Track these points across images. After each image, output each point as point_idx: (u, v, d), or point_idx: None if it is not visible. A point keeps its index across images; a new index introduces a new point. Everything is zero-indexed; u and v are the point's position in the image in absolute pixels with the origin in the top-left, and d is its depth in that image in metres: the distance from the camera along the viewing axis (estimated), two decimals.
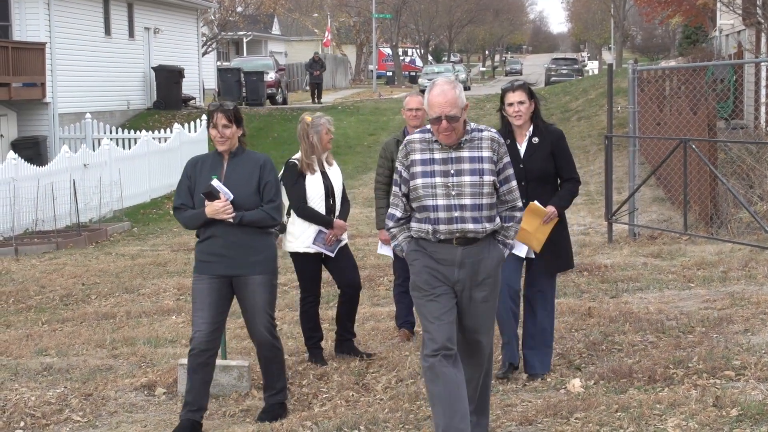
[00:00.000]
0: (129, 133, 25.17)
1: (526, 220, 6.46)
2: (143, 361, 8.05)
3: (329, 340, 8.05)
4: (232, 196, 6.11)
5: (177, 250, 14.64)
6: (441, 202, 5.20)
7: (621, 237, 13.06)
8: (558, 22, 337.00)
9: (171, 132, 24.96)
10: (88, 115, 25.73)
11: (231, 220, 6.10)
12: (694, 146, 12.29)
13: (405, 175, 5.31)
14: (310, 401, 6.76)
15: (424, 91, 5.35)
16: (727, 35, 31.40)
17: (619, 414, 5.76)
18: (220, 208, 6.07)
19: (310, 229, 7.56)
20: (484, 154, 5.24)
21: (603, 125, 25.07)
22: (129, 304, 10.94)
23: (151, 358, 8.13)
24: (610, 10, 73.00)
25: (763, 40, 23.16)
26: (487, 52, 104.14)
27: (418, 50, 78.62)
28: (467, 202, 5.19)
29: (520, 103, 6.64)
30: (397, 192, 5.37)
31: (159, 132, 25.59)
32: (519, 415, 5.94)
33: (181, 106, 31.90)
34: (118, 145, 23.00)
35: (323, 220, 7.54)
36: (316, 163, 7.56)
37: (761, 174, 14.01)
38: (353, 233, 14.09)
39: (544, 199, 6.67)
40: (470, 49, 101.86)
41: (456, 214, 5.19)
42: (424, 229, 5.26)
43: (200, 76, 36.13)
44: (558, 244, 6.74)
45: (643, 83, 19.96)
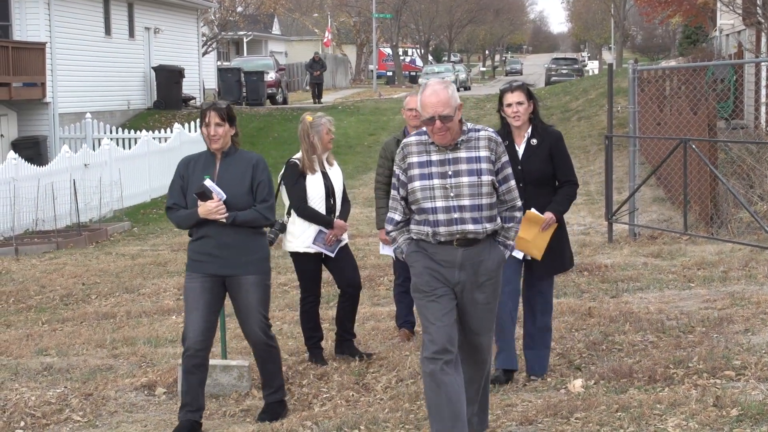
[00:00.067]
0: (129, 133, 25.18)
1: (524, 229, 6.41)
2: (143, 361, 8.05)
3: (329, 340, 8.04)
4: (225, 196, 6.06)
5: (177, 250, 14.64)
6: (440, 204, 5.16)
7: (621, 237, 13.06)
8: (558, 22, 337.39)
9: (171, 132, 24.96)
10: (89, 115, 25.74)
11: (224, 220, 6.06)
12: (695, 146, 12.29)
13: (403, 178, 5.28)
14: (311, 401, 6.75)
15: None
16: (728, 35, 31.39)
17: (619, 414, 5.76)
18: (213, 208, 6.03)
19: (311, 229, 7.55)
20: (482, 153, 5.20)
21: (603, 125, 25.06)
22: (129, 303, 10.94)
23: (151, 358, 8.13)
24: (610, 10, 73.02)
25: (764, 39, 23.15)
26: (487, 52, 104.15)
27: (419, 50, 78.63)
28: (466, 202, 5.15)
29: (519, 103, 6.57)
30: (396, 195, 5.34)
31: (159, 132, 25.60)
32: (519, 415, 5.94)
33: (182, 106, 31.91)
34: (118, 145, 23.01)
35: (323, 220, 7.54)
36: (316, 163, 7.56)
37: (761, 174, 14.01)
38: (353, 233, 14.09)
39: (542, 201, 6.60)
40: (470, 49, 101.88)
41: (455, 216, 5.15)
42: (423, 231, 5.23)
43: (200, 76, 36.13)
44: (557, 246, 6.69)
45: (644, 83, 19.97)
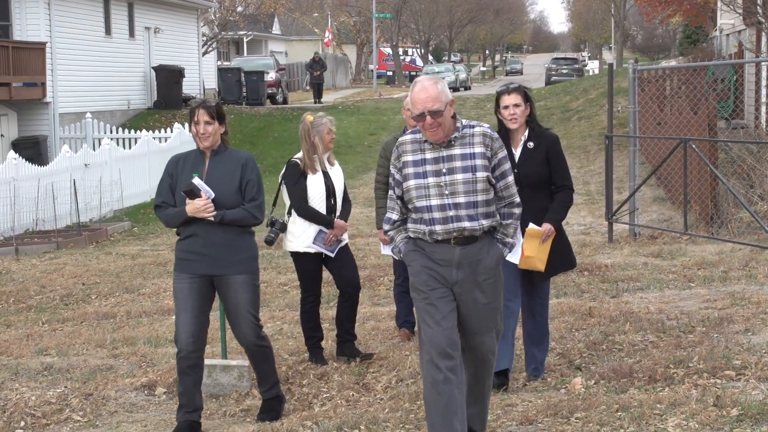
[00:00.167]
0: (129, 133, 25.17)
1: (527, 246, 6.41)
2: (143, 360, 8.05)
3: (329, 340, 8.04)
4: (214, 195, 6.02)
5: None
6: (435, 203, 5.12)
7: (621, 237, 13.06)
8: (558, 22, 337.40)
9: (171, 132, 24.97)
10: (89, 115, 25.74)
11: (212, 219, 6.01)
12: (695, 146, 12.29)
13: (398, 177, 5.24)
14: (311, 401, 6.75)
15: None
16: (728, 35, 31.39)
17: (619, 414, 5.75)
18: (201, 206, 5.98)
19: (311, 229, 7.55)
20: (476, 150, 5.14)
21: (603, 125, 25.07)
22: (129, 303, 10.94)
23: (151, 357, 8.13)
24: (610, 10, 73.00)
25: (764, 39, 23.15)
26: (487, 52, 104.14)
27: (419, 50, 78.64)
28: (461, 200, 5.11)
29: (516, 106, 6.50)
30: (392, 195, 5.30)
31: (159, 132, 25.59)
32: (519, 415, 5.94)
33: (182, 106, 31.91)
34: (118, 145, 23.02)
35: (324, 220, 7.54)
36: (317, 163, 7.56)
37: (761, 174, 14.01)
38: (353, 233, 14.10)
39: (539, 205, 6.52)
40: (470, 49, 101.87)
41: (451, 213, 5.11)
42: (420, 230, 5.19)
43: (200, 76, 36.13)
44: (555, 249, 6.61)
45: (644, 83, 19.98)
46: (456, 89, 50.47)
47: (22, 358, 8.31)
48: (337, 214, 7.63)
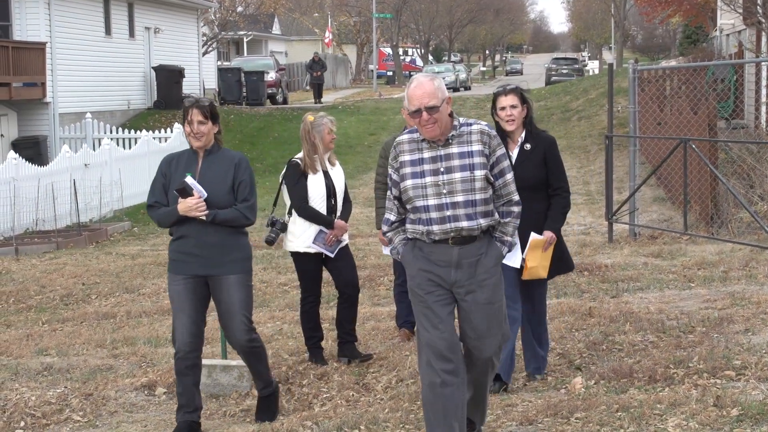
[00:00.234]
0: (129, 133, 25.17)
1: (530, 257, 6.41)
2: (143, 360, 8.05)
3: (329, 340, 8.04)
4: (206, 194, 5.98)
5: None
6: (432, 202, 5.07)
7: (621, 237, 13.06)
8: (558, 22, 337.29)
9: (171, 132, 24.97)
10: (89, 115, 25.73)
11: (204, 218, 5.98)
12: (695, 146, 12.29)
13: (396, 177, 5.20)
14: (311, 401, 6.75)
15: None
16: (728, 35, 31.40)
17: (619, 414, 5.75)
18: (193, 205, 5.94)
19: (311, 229, 7.55)
20: (474, 148, 5.09)
21: (603, 125, 25.08)
22: (129, 303, 10.94)
23: (151, 357, 8.13)
24: (610, 10, 72.99)
25: (764, 39, 23.15)
26: (487, 52, 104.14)
27: (419, 50, 78.64)
28: (459, 199, 5.05)
29: (513, 107, 6.46)
30: (390, 195, 5.26)
31: (159, 132, 25.59)
32: (519, 415, 5.94)
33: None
34: (118, 145, 23.02)
35: (324, 221, 7.53)
36: (318, 163, 7.56)
37: (762, 174, 14.01)
38: (353, 233, 14.10)
39: (536, 207, 6.46)
40: (471, 49, 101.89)
41: (448, 213, 5.06)
42: (418, 230, 5.14)
43: (201, 76, 36.13)
44: (553, 253, 6.57)
45: (644, 83, 19.99)
46: (456, 89, 50.46)
47: (22, 358, 8.31)
48: (338, 214, 7.63)
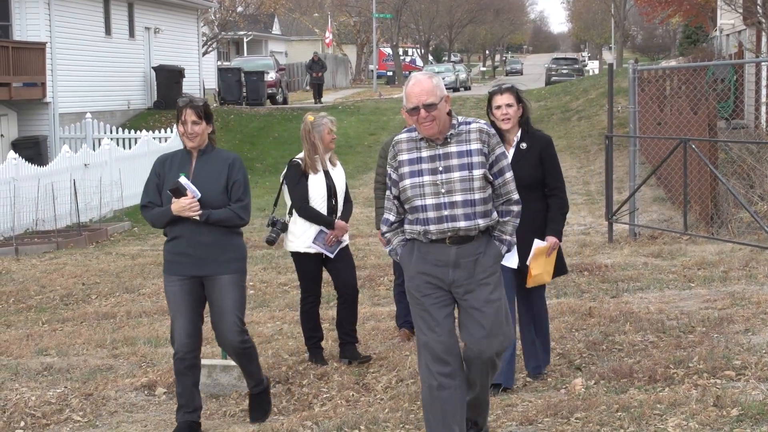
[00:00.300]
0: (129, 133, 25.18)
1: (535, 264, 6.40)
2: (143, 360, 8.05)
3: (329, 340, 8.04)
4: (200, 194, 5.95)
5: None
6: (430, 202, 5.03)
7: (621, 237, 13.06)
8: (558, 22, 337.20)
9: (171, 132, 24.95)
10: (89, 115, 25.73)
11: (197, 218, 5.95)
12: (695, 146, 12.29)
13: (394, 176, 5.16)
14: (311, 401, 6.75)
15: None
16: (728, 35, 31.40)
17: (619, 414, 5.75)
18: (187, 204, 5.91)
19: (312, 229, 7.55)
20: (473, 146, 5.05)
21: (603, 125, 25.08)
22: (129, 303, 10.94)
23: (151, 357, 8.13)
24: (610, 10, 72.98)
25: (764, 39, 23.15)
26: (487, 52, 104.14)
27: (419, 50, 78.65)
28: (458, 198, 5.02)
29: (508, 106, 6.43)
30: (389, 195, 5.22)
31: (159, 132, 25.59)
32: (519, 415, 5.93)
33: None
34: (118, 145, 23.02)
35: (324, 221, 7.53)
36: (319, 163, 7.56)
37: (762, 174, 14.01)
38: (353, 233, 14.09)
39: (533, 206, 6.40)
40: (471, 49, 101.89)
41: (446, 213, 5.02)
42: (416, 230, 5.10)
43: (201, 76, 36.13)
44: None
45: (644, 83, 19.99)
46: (456, 89, 50.48)
47: (22, 358, 8.31)
48: (339, 214, 7.63)
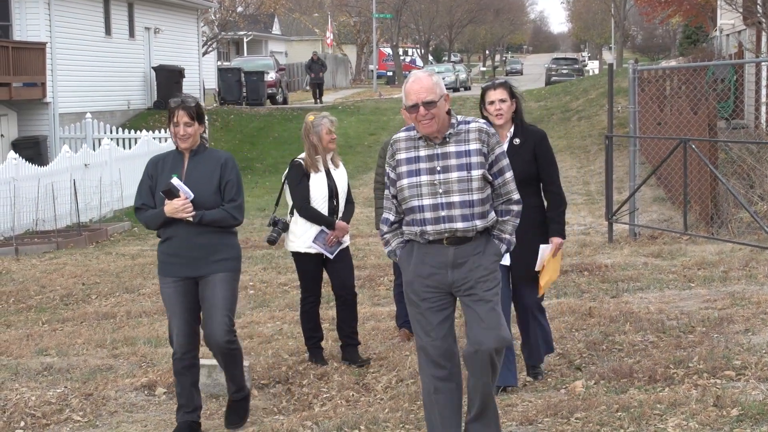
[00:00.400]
0: (129, 133, 25.16)
1: (544, 272, 6.39)
2: (143, 360, 8.05)
3: (329, 340, 8.04)
4: (193, 195, 5.93)
5: None
6: (427, 202, 4.99)
7: (621, 237, 13.06)
8: (558, 22, 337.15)
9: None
10: (89, 115, 25.73)
11: (190, 219, 5.93)
12: (695, 146, 12.30)
13: (393, 176, 5.13)
14: (311, 401, 6.75)
15: None
16: (728, 35, 31.40)
17: (619, 414, 5.75)
18: (179, 206, 5.89)
19: (312, 229, 7.55)
20: (472, 147, 5.00)
21: (603, 125, 25.08)
22: (129, 303, 10.94)
23: (151, 357, 8.13)
24: (610, 10, 72.99)
25: (764, 39, 23.16)
26: (487, 52, 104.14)
27: (419, 50, 78.64)
28: (456, 199, 4.97)
29: (502, 101, 6.39)
30: (388, 195, 5.19)
31: (159, 132, 25.56)
32: (519, 415, 5.93)
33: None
34: (118, 145, 23.01)
35: (325, 221, 7.53)
36: (320, 163, 7.56)
37: (761, 174, 14.01)
38: (353, 233, 14.09)
39: (527, 203, 6.31)
40: (471, 49, 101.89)
41: (443, 214, 4.97)
42: (413, 231, 5.07)
43: (201, 76, 36.13)
44: (537, 250, 6.45)
45: (644, 83, 19.99)
46: (456, 89, 50.45)
47: (22, 358, 8.31)
48: (340, 215, 7.63)
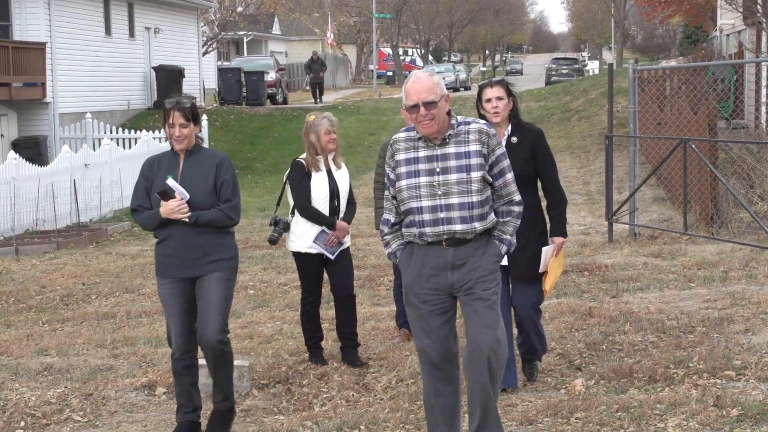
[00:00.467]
0: (129, 133, 25.17)
1: (549, 272, 6.40)
2: (143, 360, 8.05)
3: (329, 340, 8.04)
4: (188, 196, 5.92)
5: None
6: (425, 203, 4.96)
7: (621, 237, 13.06)
8: (558, 22, 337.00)
9: None
10: (89, 115, 25.74)
11: (186, 220, 5.92)
12: (695, 146, 12.30)
13: (392, 176, 5.10)
14: (311, 401, 6.75)
15: None
16: (728, 35, 31.39)
17: (619, 414, 5.75)
18: (175, 207, 5.88)
19: (313, 230, 7.54)
20: (471, 148, 4.97)
21: (603, 125, 25.08)
22: (129, 303, 10.94)
23: (151, 357, 8.13)
24: (610, 10, 72.98)
25: (764, 39, 23.15)
26: (487, 52, 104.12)
27: (419, 50, 78.64)
28: (455, 201, 4.94)
29: (499, 99, 6.36)
30: (388, 195, 5.16)
31: (159, 132, 25.54)
32: (519, 415, 5.94)
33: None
34: (118, 145, 23.02)
35: (326, 221, 7.53)
36: (321, 163, 7.56)
37: (761, 174, 14.01)
38: (353, 233, 14.08)
39: (525, 202, 6.27)
40: (471, 49, 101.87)
41: (442, 215, 4.94)
42: (412, 232, 5.05)
43: (201, 76, 36.14)
44: (535, 250, 6.43)
45: (644, 83, 19.99)
46: (456, 89, 50.44)
47: (22, 358, 8.31)
48: (341, 215, 7.63)
